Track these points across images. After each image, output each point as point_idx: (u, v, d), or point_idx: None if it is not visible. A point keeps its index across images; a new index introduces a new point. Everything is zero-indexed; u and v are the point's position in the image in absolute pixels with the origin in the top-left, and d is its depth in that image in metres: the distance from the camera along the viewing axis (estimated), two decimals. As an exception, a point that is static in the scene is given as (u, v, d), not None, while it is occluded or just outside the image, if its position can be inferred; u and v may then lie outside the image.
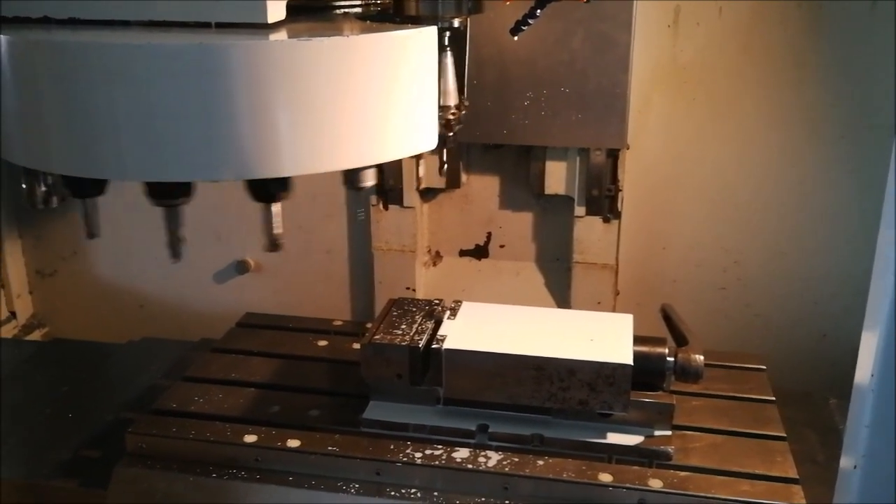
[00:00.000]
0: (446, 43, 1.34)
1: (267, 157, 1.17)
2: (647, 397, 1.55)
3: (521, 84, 1.92)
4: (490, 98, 1.93)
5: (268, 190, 1.25)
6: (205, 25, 1.20)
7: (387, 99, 1.22)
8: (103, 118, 1.15)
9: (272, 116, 1.15)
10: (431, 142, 1.32)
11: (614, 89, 1.89)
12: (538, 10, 1.31)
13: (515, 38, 1.36)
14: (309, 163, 1.20)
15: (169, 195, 1.26)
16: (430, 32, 1.25)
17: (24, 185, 1.28)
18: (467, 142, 2.04)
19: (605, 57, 1.86)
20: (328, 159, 1.21)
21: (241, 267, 2.34)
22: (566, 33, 1.84)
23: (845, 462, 1.00)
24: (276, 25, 1.20)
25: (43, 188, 1.29)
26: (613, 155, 1.99)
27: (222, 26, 1.19)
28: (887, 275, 0.89)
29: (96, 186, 1.30)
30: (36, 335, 2.50)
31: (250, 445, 1.56)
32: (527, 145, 2.02)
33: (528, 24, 1.34)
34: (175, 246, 1.30)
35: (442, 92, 1.34)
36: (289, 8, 1.22)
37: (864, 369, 0.94)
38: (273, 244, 1.29)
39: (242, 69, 1.12)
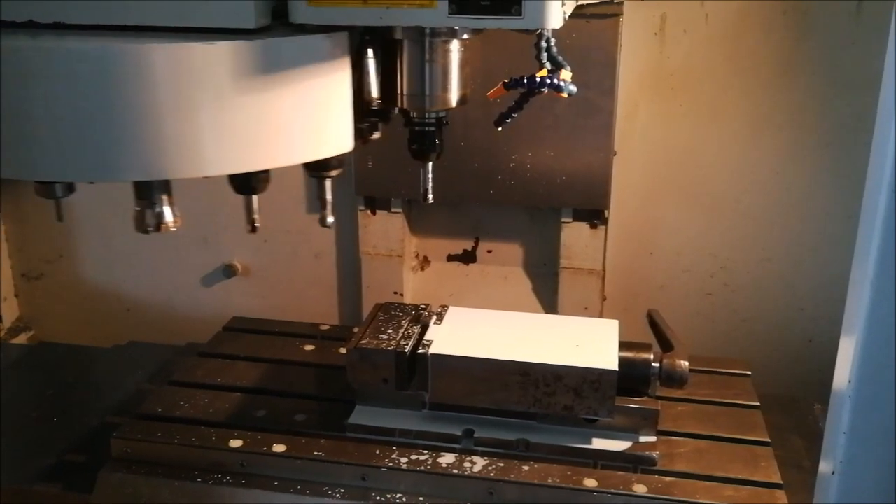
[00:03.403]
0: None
1: (165, 158, 1.16)
2: (633, 403, 1.56)
3: (507, 147, 1.96)
4: (478, 160, 1.99)
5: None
6: (191, 30, 1.20)
7: (292, 102, 1.21)
8: (17, 119, 1.14)
9: (173, 119, 1.15)
10: (347, 144, 1.31)
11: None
12: (523, 104, 1.33)
13: (499, 129, 1.38)
14: (216, 164, 1.20)
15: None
16: (341, 38, 1.24)
17: (136, 208, 1.28)
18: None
19: (589, 122, 1.91)
20: (234, 161, 1.21)
21: (229, 271, 2.34)
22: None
23: (823, 468, 1.01)
24: (262, 31, 1.21)
25: (157, 210, 1.28)
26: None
27: (206, 31, 1.20)
28: (864, 282, 0.90)
29: (260, 184, 1.33)
30: (21, 339, 2.49)
31: (236, 450, 1.56)
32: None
33: (513, 117, 1.36)
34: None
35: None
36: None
37: (842, 375, 0.95)
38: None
39: (137, 72, 1.12)
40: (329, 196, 1.46)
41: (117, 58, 1.12)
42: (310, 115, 1.24)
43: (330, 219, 1.48)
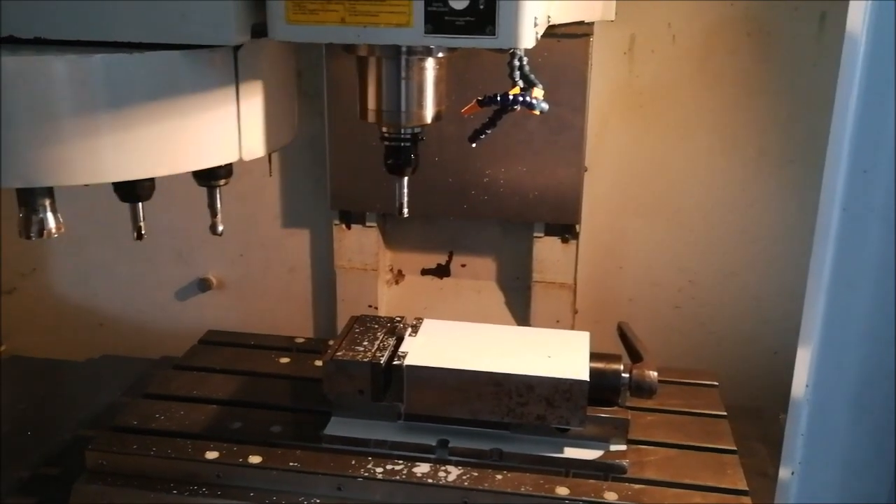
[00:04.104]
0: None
1: (46, 166, 1.20)
2: (603, 412, 1.59)
3: (480, 162, 2.00)
4: (452, 175, 2.02)
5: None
6: (171, 47, 1.23)
7: (175, 113, 1.25)
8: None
9: (55, 128, 1.19)
10: (232, 154, 1.35)
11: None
12: (497, 121, 1.37)
13: (474, 145, 1.42)
14: (100, 173, 1.24)
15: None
16: (225, 52, 1.28)
17: (20, 215, 1.29)
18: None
19: (561, 138, 1.95)
20: (117, 170, 1.25)
21: (203, 284, 2.35)
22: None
23: (784, 469, 1.05)
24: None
25: (39, 217, 1.29)
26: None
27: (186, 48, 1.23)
28: (819, 296, 0.95)
29: (145, 192, 1.36)
30: (-6, 353, 2.48)
31: (212, 461, 1.57)
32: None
33: (487, 133, 1.40)
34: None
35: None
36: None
37: (800, 381, 0.99)
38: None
39: (21, 84, 1.16)
40: (219, 204, 1.49)
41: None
42: (193, 125, 1.28)
43: (220, 227, 1.51)
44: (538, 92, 1.30)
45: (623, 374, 1.59)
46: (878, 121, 0.95)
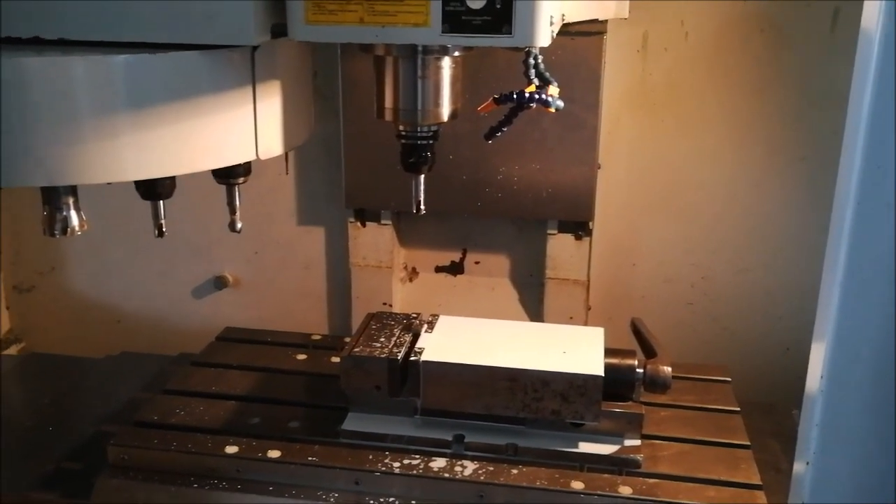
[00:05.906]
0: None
1: (69, 165, 1.23)
2: (618, 408, 1.61)
3: (494, 160, 2.01)
4: (466, 172, 2.03)
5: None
6: (191, 47, 1.25)
7: (194, 112, 1.28)
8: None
9: (77, 127, 1.21)
10: (250, 153, 1.37)
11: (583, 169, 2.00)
12: (513, 119, 1.38)
13: (490, 142, 1.44)
14: (121, 171, 1.26)
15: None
16: (243, 52, 1.30)
17: (44, 213, 1.31)
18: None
19: (574, 136, 1.96)
20: (138, 168, 1.27)
21: (220, 282, 2.37)
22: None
23: (798, 463, 1.07)
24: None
25: (63, 214, 1.31)
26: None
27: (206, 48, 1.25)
28: (833, 289, 0.96)
29: (166, 190, 1.38)
30: (12, 350, 2.50)
31: (231, 456, 1.59)
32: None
33: (503, 131, 1.42)
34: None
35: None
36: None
37: (815, 373, 1.00)
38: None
39: (42, 84, 1.19)
40: (238, 202, 1.51)
41: (19, 70, 1.17)
42: (212, 124, 1.30)
43: (239, 224, 1.52)
44: (553, 89, 1.32)
45: (637, 370, 1.61)
46: (892, 116, 0.96)
